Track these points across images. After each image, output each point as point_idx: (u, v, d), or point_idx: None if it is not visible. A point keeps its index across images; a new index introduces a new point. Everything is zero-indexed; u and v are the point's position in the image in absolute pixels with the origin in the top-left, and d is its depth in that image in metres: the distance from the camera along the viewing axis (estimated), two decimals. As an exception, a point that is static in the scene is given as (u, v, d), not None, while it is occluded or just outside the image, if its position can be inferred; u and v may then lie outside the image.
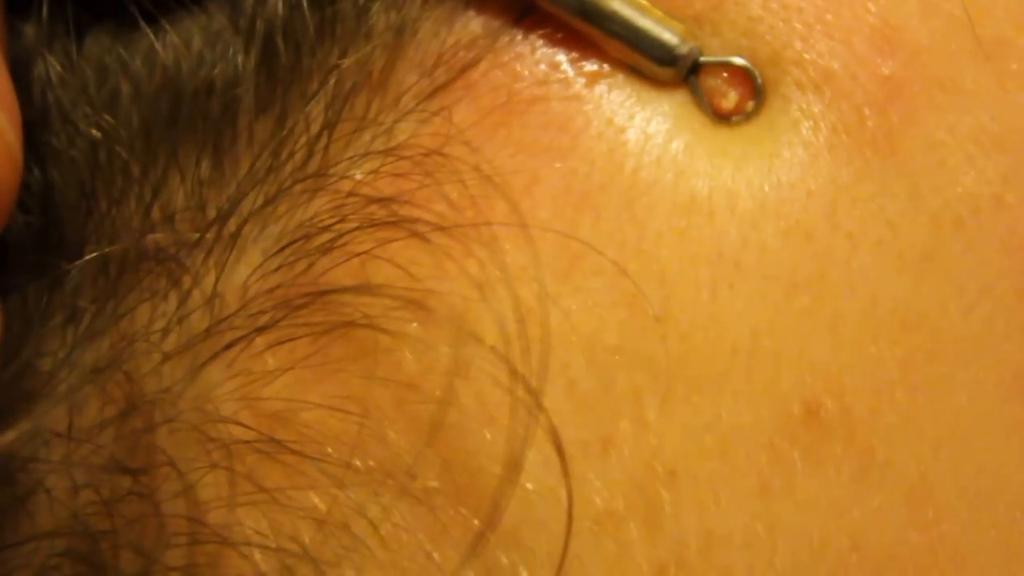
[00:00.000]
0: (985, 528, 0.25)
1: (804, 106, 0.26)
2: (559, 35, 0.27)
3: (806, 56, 0.26)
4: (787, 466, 0.25)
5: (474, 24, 0.27)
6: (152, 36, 0.28)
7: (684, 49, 0.27)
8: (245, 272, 0.27)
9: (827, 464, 0.25)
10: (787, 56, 0.26)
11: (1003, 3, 0.27)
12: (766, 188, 0.26)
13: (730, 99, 0.27)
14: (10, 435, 0.26)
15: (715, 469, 0.25)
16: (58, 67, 0.28)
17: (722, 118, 0.27)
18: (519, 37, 0.27)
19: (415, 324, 0.25)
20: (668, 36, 0.26)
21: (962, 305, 0.26)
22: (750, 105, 0.27)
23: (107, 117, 0.28)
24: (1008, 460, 0.26)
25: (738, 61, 0.27)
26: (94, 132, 0.28)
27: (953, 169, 0.26)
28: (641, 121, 0.27)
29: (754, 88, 0.27)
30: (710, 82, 0.27)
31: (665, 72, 0.27)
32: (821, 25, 0.26)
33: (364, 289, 0.25)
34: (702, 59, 0.27)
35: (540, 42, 0.27)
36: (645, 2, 0.27)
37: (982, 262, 0.26)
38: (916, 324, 0.26)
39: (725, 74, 0.27)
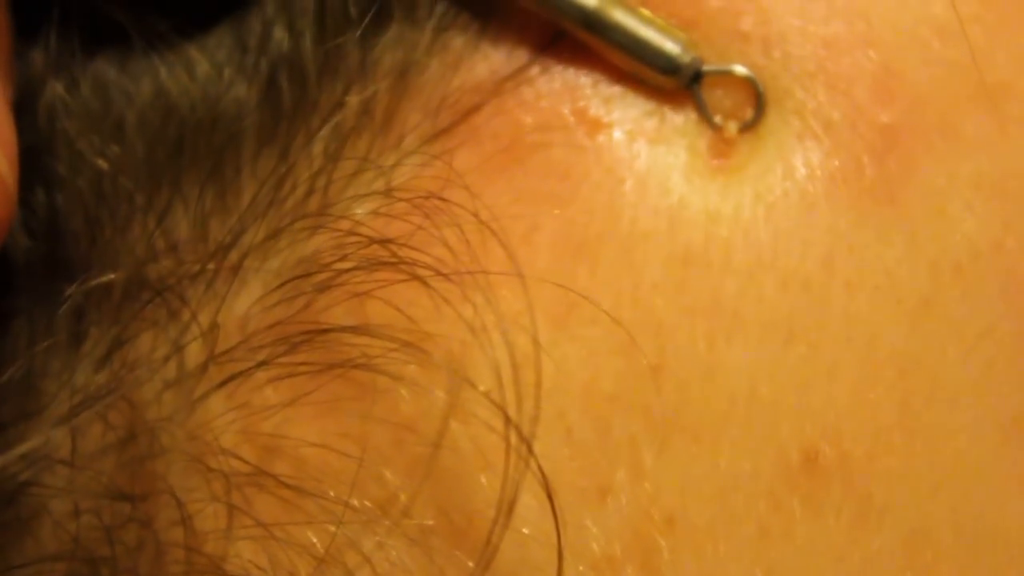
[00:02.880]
0: (984, 571, 0.25)
1: (803, 155, 0.26)
2: (563, 83, 0.27)
3: (807, 105, 0.26)
4: (786, 513, 0.25)
5: (480, 68, 0.27)
6: (158, 67, 0.28)
7: (686, 58, 0.27)
8: (246, 304, 0.27)
9: (826, 510, 0.25)
10: (788, 106, 0.26)
11: (1004, 48, 0.27)
12: (763, 238, 0.26)
13: (730, 128, 0.27)
14: (11, 455, 0.26)
15: (713, 517, 0.25)
16: (64, 95, 0.29)
17: (724, 135, 0.27)
18: (523, 84, 0.27)
19: (413, 366, 0.25)
20: (670, 46, 0.27)
21: (961, 349, 0.26)
22: (749, 113, 0.27)
23: (112, 146, 0.28)
24: (1007, 503, 0.26)
25: (739, 70, 0.27)
26: (99, 161, 0.28)
27: (952, 216, 0.26)
28: (640, 171, 0.26)
29: (756, 106, 0.27)
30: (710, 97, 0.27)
31: (668, 81, 0.27)
32: (823, 75, 0.26)
33: (363, 329, 0.26)
34: (704, 68, 0.27)
35: (544, 89, 0.27)
36: (647, 13, 0.27)
37: (981, 307, 0.26)
38: (914, 369, 0.26)
39: (725, 116, 0.27)
